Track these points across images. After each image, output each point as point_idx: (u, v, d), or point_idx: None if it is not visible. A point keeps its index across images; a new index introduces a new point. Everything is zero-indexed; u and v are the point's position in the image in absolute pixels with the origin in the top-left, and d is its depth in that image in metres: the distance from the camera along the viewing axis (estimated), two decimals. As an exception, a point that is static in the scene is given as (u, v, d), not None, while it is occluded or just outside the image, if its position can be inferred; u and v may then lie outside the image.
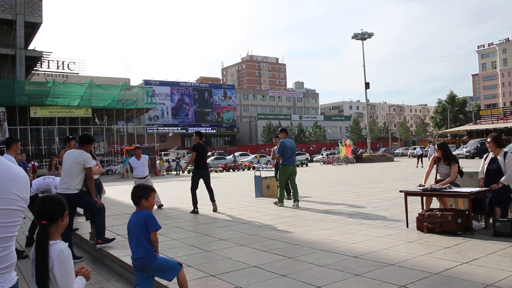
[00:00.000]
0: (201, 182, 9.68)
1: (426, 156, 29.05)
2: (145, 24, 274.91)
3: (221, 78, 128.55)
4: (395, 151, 60.74)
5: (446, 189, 6.17)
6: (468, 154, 39.07)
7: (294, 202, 9.62)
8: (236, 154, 47.54)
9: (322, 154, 50.69)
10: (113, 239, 6.17)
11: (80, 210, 8.52)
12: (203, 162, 9.78)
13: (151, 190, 3.66)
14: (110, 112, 39.40)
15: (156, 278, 4.40)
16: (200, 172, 9.66)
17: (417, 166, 27.65)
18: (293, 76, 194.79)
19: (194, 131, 12.27)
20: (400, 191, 6.90)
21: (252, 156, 45.84)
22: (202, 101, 78.33)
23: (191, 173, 10.34)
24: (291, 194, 10.91)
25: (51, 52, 37.84)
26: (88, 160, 5.88)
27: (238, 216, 8.54)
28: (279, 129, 10.87)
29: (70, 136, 8.63)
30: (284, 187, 10.18)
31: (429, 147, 28.57)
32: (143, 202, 3.56)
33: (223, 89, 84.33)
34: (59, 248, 2.03)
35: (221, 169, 34.97)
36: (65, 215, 2.13)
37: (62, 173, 6.04)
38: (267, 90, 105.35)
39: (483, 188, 6.07)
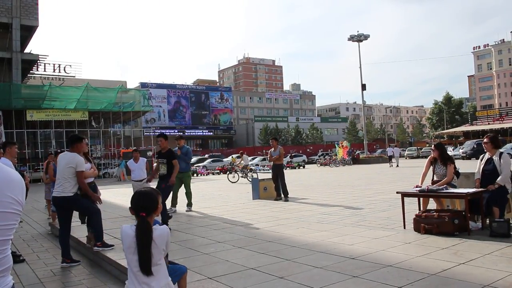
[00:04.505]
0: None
1: (394, 156, 32.65)
2: (141, 27, 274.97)
3: (217, 81, 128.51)
4: (392, 153, 60.72)
5: (443, 190, 6.19)
6: (464, 155, 39.22)
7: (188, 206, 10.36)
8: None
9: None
10: (112, 246, 6.07)
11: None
12: None
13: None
14: (107, 115, 39.33)
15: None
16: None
17: (390, 166, 30.85)
18: (290, 78, 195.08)
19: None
20: (397, 192, 6.92)
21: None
22: (199, 104, 78.33)
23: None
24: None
25: (48, 55, 37.84)
26: (80, 163, 5.75)
27: (236, 218, 8.53)
28: (179, 135, 10.58)
29: (59, 151, 8.67)
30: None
31: (393, 148, 34.00)
32: (159, 209, 2.71)
33: (220, 91, 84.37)
34: (166, 228, 2.64)
35: (218, 171, 35.02)
36: (158, 208, 2.64)
37: (56, 177, 5.96)
38: (264, 92, 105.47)
39: (480, 189, 6.08)
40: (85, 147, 6.22)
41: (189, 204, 10.38)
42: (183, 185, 10.32)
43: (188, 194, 10.40)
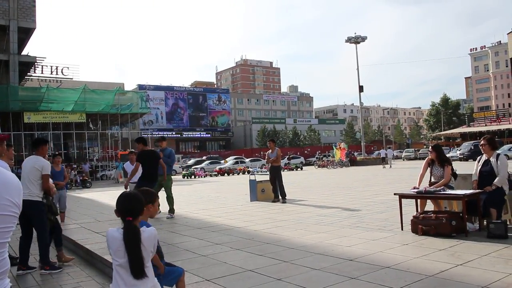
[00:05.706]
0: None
1: (387, 158, 34.17)
2: (139, 29, 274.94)
3: (215, 83, 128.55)
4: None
5: (440, 191, 6.20)
6: (462, 156, 39.33)
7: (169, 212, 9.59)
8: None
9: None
10: (60, 269, 5.78)
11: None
12: (149, 173, 8.57)
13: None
14: (104, 117, 39.27)
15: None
16: (143, 185, 7.97)
17: (383, 167, 31.91)
18: (288, 79, 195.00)
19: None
20: (395, 194, 6.92)
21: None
22: (197, 106, 78.35)
23: (127, 188, 8.51)
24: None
25: (45, 57, 37.78)
26: (46, 166, 5.69)
27: (234, 220, 8.53)
28: (160, 137, 10.03)
29: (56, 153, 8.60)
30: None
31: (387, 150, 35.65)
32: (149, 207, 2.89)
33: (218, 93, 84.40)
34: (153, 229, 2.62)
35: (216, 173, 35.12)
36: (144, 210, 2.64)
37: (22, 181, 5.66)
38: (262, 94, 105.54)
39: (477, 190, 6.10)
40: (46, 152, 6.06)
41: (171, 211, 9.61)
42: (163, 189, 9.59)
43: (170, 199, 9.66)
